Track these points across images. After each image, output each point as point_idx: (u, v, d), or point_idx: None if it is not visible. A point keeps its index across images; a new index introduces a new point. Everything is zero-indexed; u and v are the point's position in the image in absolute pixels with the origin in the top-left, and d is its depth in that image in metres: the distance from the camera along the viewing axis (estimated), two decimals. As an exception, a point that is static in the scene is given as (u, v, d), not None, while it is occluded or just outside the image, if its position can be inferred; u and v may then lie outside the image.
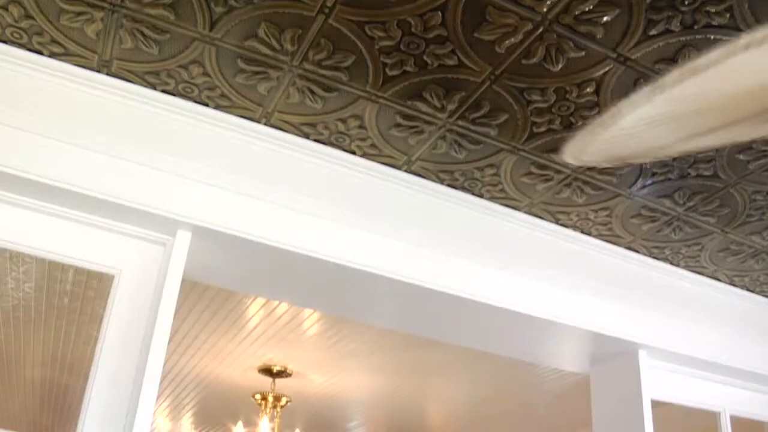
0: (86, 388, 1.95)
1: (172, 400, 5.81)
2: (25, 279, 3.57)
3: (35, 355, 4.95)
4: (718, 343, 2.96)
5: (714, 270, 2.81)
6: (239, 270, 2.34)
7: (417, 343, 3.98)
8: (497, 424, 5.87)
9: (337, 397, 5.22)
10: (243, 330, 4.03)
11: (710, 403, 3.02)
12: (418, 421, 5.88)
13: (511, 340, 2.85)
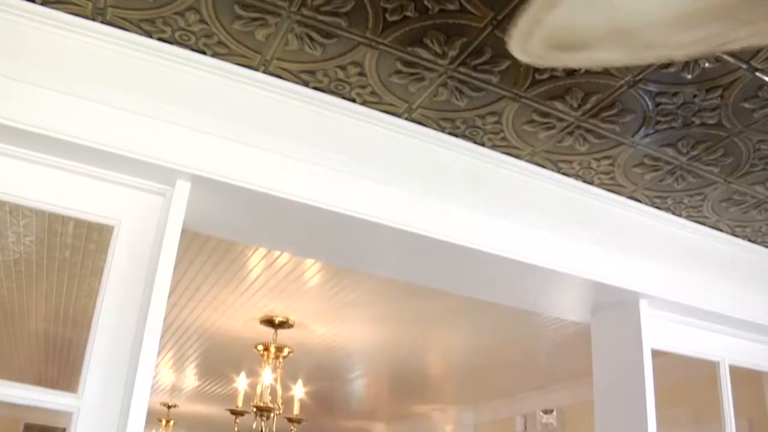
0: (88, 341, 1.96)
1: (176, 352, 5.86)
2: (25, 233, 3.57)
3: (38, 309, 4.98)
4: (719, 293, 2.96)
5: (716, 220, 2.79)
6: (239, 220, 2.33)
7: (418, 293, 3.99)
8: (498, 374, 5.92)
9: (339, 347, 5.25)
10: (244, 281, 4.04)
11: (710, 353, 3.04)
12: (419, 370, 5.93)
13: (512, 289, 2.86)
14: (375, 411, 8.12)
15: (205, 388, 7.42)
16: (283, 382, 4.94)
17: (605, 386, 2.93)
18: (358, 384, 6.62)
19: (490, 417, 7.08)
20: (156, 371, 6.75)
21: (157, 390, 7.75)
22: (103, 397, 1.92)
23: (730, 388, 3.00)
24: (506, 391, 6.53)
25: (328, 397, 7.27)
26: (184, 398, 8.15)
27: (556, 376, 5.86)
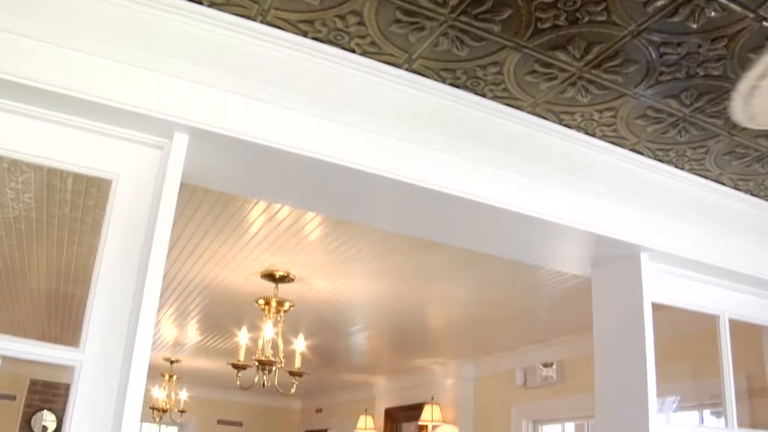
0: (88, 296, 1.96)
1: (177, 307, 5.88)
2: (24, 189, 3.56)
3: (40, 266, 4.99)
4: (720, 247, 2.96)
5: (718, 173, 2.78)
6: (239, 173, 2.32)
7: (419, 247, 3.99)
8: (498, 327, 5.95)
9: (340, 301, 5.27)
10: (245, 236, 4.04)
11: (710, 307, 3.05)
12: (420, 324, 5.96)
13: (512, 242, 2.86)
14: (376, 365, 8.20)
15: (207, 343, 7.47)
16: (284, 336, 4.96)
17: (605, 340, 2.94)
18: (359, 338, 6.67)
19: (491, 370, 7.15)
20: (158, 327, 6.80)
21: (160, 345, 7.81)
22: (104, 350, 1.93)
23: (730, 342, 3.01)
24: (506, 344, 6.58)
25: (330, 351, 7.33)
26: (187, 353, 8.21)
27: (555, 329, 5.89)
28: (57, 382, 9.68)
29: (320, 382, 9.76)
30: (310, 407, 11.89)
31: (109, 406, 1.91)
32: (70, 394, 1.91)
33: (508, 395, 6.79)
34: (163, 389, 8.97)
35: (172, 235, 4.00)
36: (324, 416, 11.31)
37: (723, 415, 2.99)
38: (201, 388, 10.84)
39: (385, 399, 8.79)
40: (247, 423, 11.92)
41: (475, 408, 7.29)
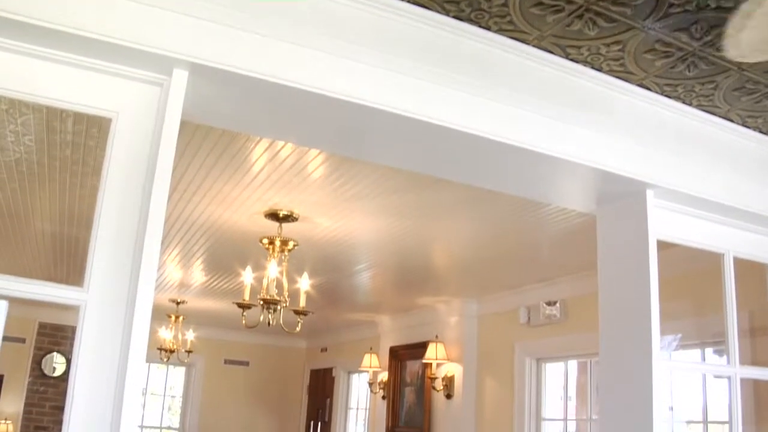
0: (91, 238, 1.96)
1: (182, 248, 5.90)
2: (24, 131, 3.54)
3: (43, 209, 4.99)
4: (727, 185, 2.93)
5: (727, 110, 2.73)
6: (241, 110, 2.28)
7: (422, 185, 3.97)
8: (502, 266, 5.97)
9: (344, 240, 5.28)
10: (248, 174, 4.02)
11: (715, 245, 3.03)
12: (424, 262, 5.97)
13: (517, 178, 2.83)
14: (380, 303, 8.25)
15: (212, 284, 7.52)
16: (288, 275, 4.98)
17: (609, 277, 2.94)
18: (363, 277, 6.69)
19: (494, 308, 7.20)
20: (163, 268, 6.83)
21: (165, 287, 7.86)
22: (108, 290, 1.93)
23: (734, 280, 3.01)
24: (510, 283, 6.60)
25: (334, 289, 7.37)
26: (192, 294, 8.27)
27: (559, 268, 5.91)
28: (65, 325, 9.82)
29: (325, 321, 9.85)
30: (315, 346, 12.03)
31: (115, 345, 1.92)
32: (76, 333, 1.91)
33: (511, 333, 6.84)
34: (170, 330, 9.07)
35: (175, 177, 4.00)
36: (329, 355, 11.46)
37: (725, 353, 3.01)
38: (207, 328, 10.96)
39: (390, 337, 8.88)
40: (253, 362, 12.08)
41: (479, 346, 7.36)
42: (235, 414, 11.79)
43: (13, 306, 8.45)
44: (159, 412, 12.43)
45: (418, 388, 8.08)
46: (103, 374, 1.90)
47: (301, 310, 4.97)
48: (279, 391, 12.19)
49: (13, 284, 1.89)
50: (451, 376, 7.43)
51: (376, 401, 9.12)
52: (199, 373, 11.76)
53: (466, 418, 7.21)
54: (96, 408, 1.88)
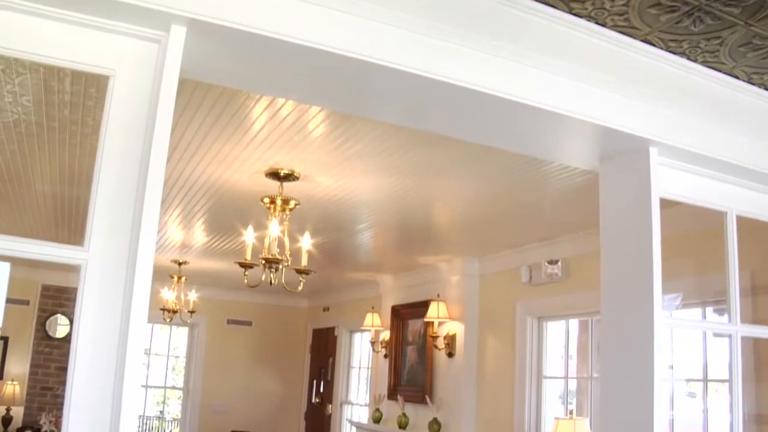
0: (90, 197, 1.95)
1: (183, 208, 5.89)
2: (22, 92, 3.51)
3: (43, 171, 4.97)
4: (731, 143, 2.90)
5: (732, 66, 2.69)
6: (240, 67, 2.26)
7: (424, 143, 3.95)
8: (504, 225, 5.96)
9: (345, 199, 5.26)
10: (248, 133, 3.99)
11: (718, 203, 3.02)
12: (425, 221, 5.96)
13: (520, 135, 2.81)
14: (382, 263, 8.26)
15: (213, 244, 7.53)
16: (290, 234, 4.97)
17: (611, 235, 2.93)
18: (365, 236, 6.69)
19: (496, 267, 7.21)
20: (164, 229, 6.83)
21: (167, 247, 7.87)
22: (109, 248, 1.93)
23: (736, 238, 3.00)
24: (512, 241, 6.60)
25: (336, 249, 7.37)
26: (194, 255, 8.29)
27: (561, 227, 5.90)
28: (68, 287, 9.88)
29: (327, 280, 9.88)
30: (317, 306, 12.10)
31: (117, 304, 1.92)
32: (77, 293, 1.91)
33: (513, 292, 6.86)
34: (172, 291, 9.10)
35: (175, 137, 3.98)
36: (331, 314, 11.52)
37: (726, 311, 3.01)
38: (210, 289, 11.01)
39: (392, 297, 8.91)
40: (256, 322, 12.16)
41: (481, 305, 7.39)
42: (239, 373, 11.90)
43: (16, 268, 8.48)
44: (163, 372, 12.54)
45: (419, 347, 8.13)
46: (105, 334, 1.90)
47: (302, 269, 4.97)
48: (282, 351, 12.28)
49: (14, 244, 1.89)
50: (452, 334, 7.47)
51: (378, 360, 9.19)
52: (202, 333, 11.84)
53: (467, 376, 7.27)
54: (99, 368, 1.89)
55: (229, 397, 11.77)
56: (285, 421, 11.81)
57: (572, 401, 6.40)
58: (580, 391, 6.44)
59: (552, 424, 5.51)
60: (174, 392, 13.49)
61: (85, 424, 1.86)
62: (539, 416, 6.52)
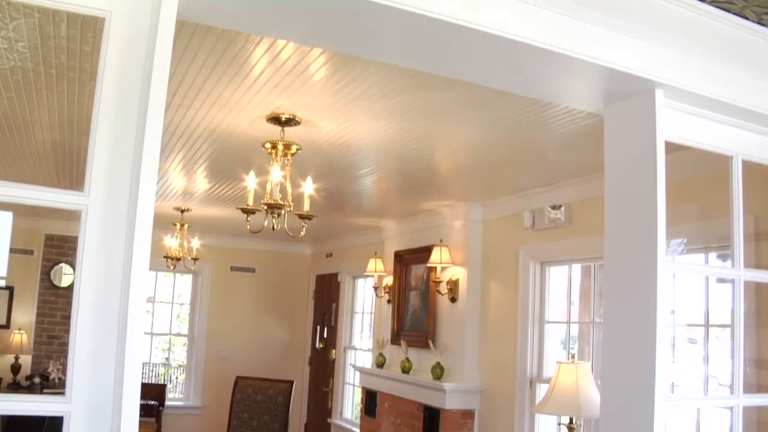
0: (89, 142, 1.92)
1: (184, 155, 5.87)
2: (17, 38, 3.45)
3: (42, 119, 4.93)
4: (738, 85, 2.85)
5: (742, 6, 2.63)
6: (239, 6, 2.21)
7: (426, 85, 3.89)
8: (507, 169, 5.93)
9: (348, 144, 5.22)
10: (248, 78, 3.94)
11: (724, 147, 2.98)
12: (428, 166, 5.93)
13: (524, 77, 2.77)
14: (385, 208, 8.25)
15: (216, 191, 7.51)
16: (292, 179, 4.94)
17: (616, 180, 2.90)
18: (367, 181, 6.66)
19: (499, 213, 7.19)
20: (166, 176, 6.81)
21: (169, 195, 7.87)
22: (109, 193, 1.92)
23: (742, 183, 2.97)
24: (515, 186, 6.58)
25: (338, 195, 7.35)
26: (197, 202, 8.28)
27: (565, 171, 5.86)
28: (71, 236, 9.90)
29: (330, 226, 9.89)
30: (320, 252, 12.14)
31: (118, 250, 1.91)
32: (79, 240, 1.90)
33: (515, 237, 6.86)
34: (175, 238, 9.12)
35: (174, 82, 3.93)
36: (334, 260, 11.56)
37: (729, 257, 3.00)
38: (213, 236, 11.05)
39: (395, 242, 8.92)
40: (259, 269, 12.22)
41: (483, 250, 7.40)
42: (243, 320, 12.00)
43: (19, 218, 8.63)
44: (168, 319, 12.65)
45: (422, 292, 8.17)
46: (107, 280, 1.90)
47: (305, 214, 4.95)
48: (285, 297, 12.37)
49: (15, 191, 1.88)
50: (455, 279, 7.49)
51: (381, 305, 9.24)
52: (205, 280, 11.91)
53: (470, 321, 7.31)
54: (102, 314, 1.89)
55: (234, 343, 11.89)
56: (289, 367, 11.94)
57: (574, 346, 6.45)
58: (581, 336, 6.48)
59: (554, 368, 5.56)
60: (179, 339, 13.61)
61: (90, 371, 1.87)
62: (541, 360, 6.57)
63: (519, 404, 6.60)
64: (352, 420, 10.42)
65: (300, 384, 11.52)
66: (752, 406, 3.49)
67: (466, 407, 7.18)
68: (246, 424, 8.67)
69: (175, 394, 12.58)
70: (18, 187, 1.88)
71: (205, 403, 11.65)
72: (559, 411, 5.35)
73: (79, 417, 1.85)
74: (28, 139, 5.61)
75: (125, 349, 1.84)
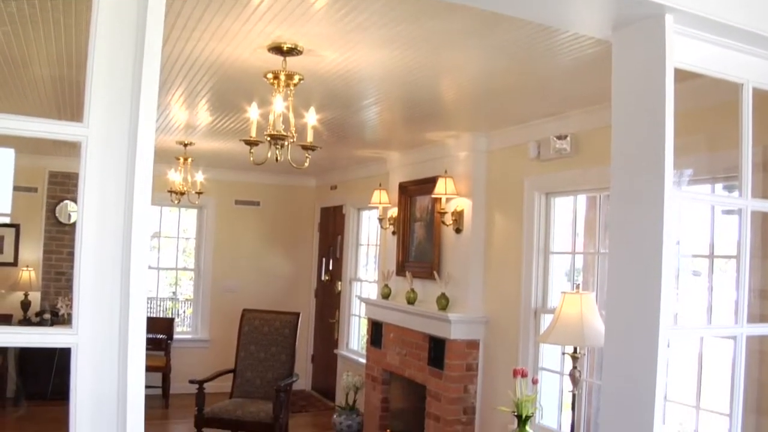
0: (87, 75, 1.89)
1: (185, 87, 5.81)
2: (8, -32, 3.38)
3: (40, 53, 4.87)
4: (752, 10, 2.76)
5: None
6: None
7: (429, 12, 3.81)
8: (512, 98, 5.86)
9: (351, 74, 5.15)
10: (248, 6, 3.85)
11: (734, 75, 2.92)
12: (432, 96, 5.86)
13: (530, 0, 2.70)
14: (389, 139, 8.18)
15: (218, 124, 7.46)
16: (295, 110, 4.88)
17: (624, 108, 2.85)
18: (371, 112, 6.58)
19: (504, 143, 7.14)
20: (168, 110, 6.75)
21: (171, 129, 7.82)
22: (109, 124, 1.90)
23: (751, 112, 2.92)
24: (520, 116, 6.51)
25: (342, 126, 7.29)
26: (200, 136, 8.24)
27: (571, 101, 5.79)
28: (75, 173, 9.88)
29: (334, 159, 9.86)
30: (324, 184, 12.14)
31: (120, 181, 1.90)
32: (80, 172, 1.89)
33: (521, 168, 6.83)
34: (179, 172, 9.10)
35: (172, 13, 3.85)
36: (339, 192, 11.57)
37: (736, 188, 2.97)
38: (216, 170, 11.03)
39: (399, 173, 8.90)
40: (264, 202, 12.25)
41: (488, 181, 7.37)
42: (249, 253, 12.07)
43: (22, 156, 8.66)
44: (174, 254, 12.73)
45: (427, 224, 8.17)
46: (109, 212, 1.88)
47: (308, 145, 4.91)
48: (290, 230, 12.41)
49: (14, 123, 1.86)
50: (460, 210, 7.48)
51: (386, 237, 9.26)
52: (210, 214, 11.94)
53: (475, 251, 7.33)
54: (106, 250, 1.89)
55: (240, 276, 11.99)
56: (295, 299, 12.06)
57: (578, 278, 6.47)
58: (586, 268, 6.50)
59: (558, 299, 5.59)
60: (186, 273, 13.75)
61: (95, 306, 1.88)
62: (546, 291, 6.61)
63: (523, 334, 6.67)
64: (358, 351, 10.56)
65: (306, 316, 11.64)
66: (755, 336, 3.51)
67: (470, 337, 7.25)
68: (253, 355, 8.79)
69: (183, 328, 12.76)
70: (18, 119, 1.85)
71: (213, 336, 11.80)
72: (563, 341, 5.40)
73: (86, 348, 1.86)
74: (27, 75, 5.55)
75: (129, 283, 1.84)
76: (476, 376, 7.30)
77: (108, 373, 1.88)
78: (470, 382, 7.27)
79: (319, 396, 11.87)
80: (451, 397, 7.20)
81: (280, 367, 8.70)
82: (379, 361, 8.74)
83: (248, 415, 7.95)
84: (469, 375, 7.27)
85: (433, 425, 7.45)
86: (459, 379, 7.23)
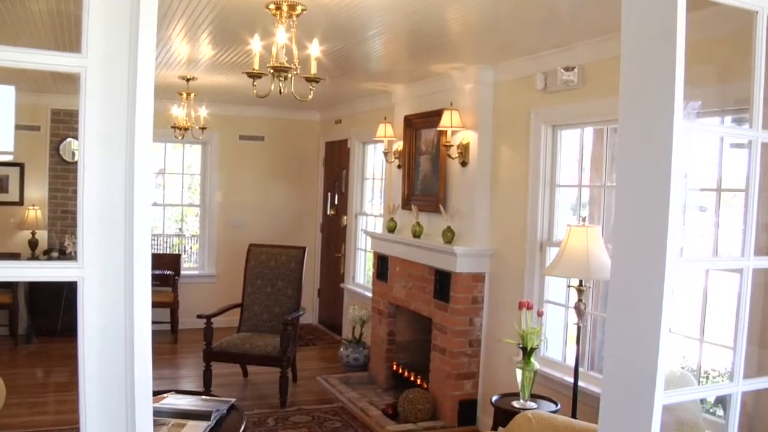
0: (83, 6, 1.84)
1: (186, 21, 5.71)
2: None
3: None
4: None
5: None
6: None
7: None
8: (518, 29, 5.75)
9: (354, 3, 5.04)
10: (248, -67, 3.77)
11: (749, 2, 2.84)
12: (437, 27, 5.74)
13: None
14: (393, 72, 8.07)
15: (221, 58, 7.37)
16: (298, 42, 4.80)
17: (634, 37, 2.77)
18: (375, 43, 6.47)
19: (510, 75, 7.04)
20: (169, 44, 6.66)
21: (173, 64, 7.73)
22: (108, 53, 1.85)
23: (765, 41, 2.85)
24: (527, 48, 6.40)
25: (346, 58, 7.18)
26: (202, 70, 8.15)
27: (578, 31, 5.68)
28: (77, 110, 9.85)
29: (338, 92, 9.76)
30: (329, 118, 12.05)
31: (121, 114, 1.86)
32: (79, 104, 1.86)
33: (527, 100, 6.75)
34: (182, 108, 9.03)
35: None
36: (343, 126, 11.50)
37: (746, 121, 2.92)
38: (220, 105, 10.96)
39: (404, 106, 8.81)
40: (268, 137, 12.19)
41: (494, 113, 7.30)
42: (254, 189, 12.07)
43: (23, 94, 8.60)
44: (179, 190, 12.74)
45: (433, 157, 8.12)
46: (110, 144, 1.86)
47: (312, 77, 4.85)
48: (295, 165, 12.38)
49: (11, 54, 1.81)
50: (466, 143, 7.43)
51: (391, 171, 9.22)
52: (215, 150, 11.90)
53: (481, 184, 7.31)
54: (109, 186, 1.87)
55: (246, 212, 12.02)
56: (301, 234, 12.11)
57: (584, 211, 6.46)
58: (592, 201, 6.48)
59: (564, 232, 5.58)
60: (191, 210, 13.77)
61: (99, 240, 1.87)
62: (552, 224, 6.61)
63: (529, 267, 6.69)
64: (364, 284, 10.63)
65: (312, 250, 11.69)
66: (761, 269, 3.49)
67: (476, 270, 7.29)
68: (260, 290, 8.86)
69: (189, 264, 12.85)
70: (15, 50, 1.81)
71: (220, 271, 11.89)
72: (568, 273, 5.41)
73: (93, 281, 1.86)
74: (23, 9, 5.45)
75: (133, 218, 1.83)
76: (482, 309, 7.36)
77: (114, 306, 1.88)
78: (476, 315, 7.34)
79: (325, 329, 12.02)
80: (456, 329, 7.27)
81: (287, 301, 8.78)
82: (385, 294, 8.81)
83: (256, 348, 8.06)
84: (474, 308, 7.33)
85: (438, 357, 7.54)
86: (464, 312, 7.29)
